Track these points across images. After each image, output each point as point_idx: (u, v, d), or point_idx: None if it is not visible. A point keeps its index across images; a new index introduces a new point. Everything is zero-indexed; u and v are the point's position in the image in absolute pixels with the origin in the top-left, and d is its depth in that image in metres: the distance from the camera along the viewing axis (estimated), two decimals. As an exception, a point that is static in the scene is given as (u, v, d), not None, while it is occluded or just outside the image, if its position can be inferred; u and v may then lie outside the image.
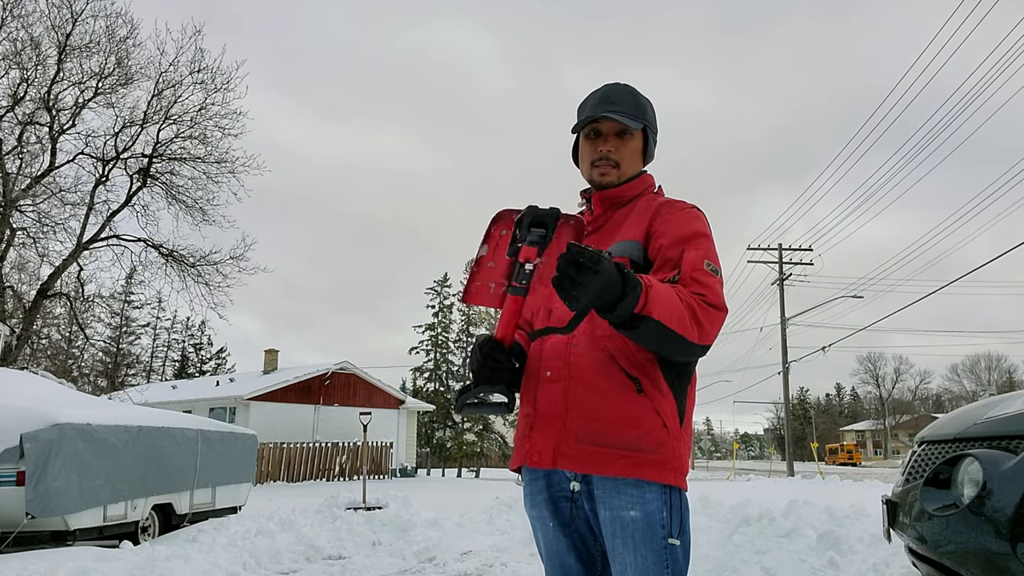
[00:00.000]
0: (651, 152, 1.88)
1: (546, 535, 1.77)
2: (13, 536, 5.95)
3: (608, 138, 1.80)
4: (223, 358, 57.98)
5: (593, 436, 1.63)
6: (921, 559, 2.71)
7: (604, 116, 1.76)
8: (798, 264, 30.85)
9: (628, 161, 1.81)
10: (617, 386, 1.63)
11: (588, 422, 1.64)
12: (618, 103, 1.79)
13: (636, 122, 1.78)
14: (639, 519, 1.61)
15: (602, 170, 1.80)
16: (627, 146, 1.80)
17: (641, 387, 1.63)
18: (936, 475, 2.48)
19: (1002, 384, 68.39)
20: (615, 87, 1.84)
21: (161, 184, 18.98)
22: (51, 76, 17.55)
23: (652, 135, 1.86)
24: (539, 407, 1.71)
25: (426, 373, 40.19)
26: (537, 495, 1.77)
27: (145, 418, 7.72)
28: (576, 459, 1.65)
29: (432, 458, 38.50)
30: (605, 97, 1.81)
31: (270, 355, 30.97)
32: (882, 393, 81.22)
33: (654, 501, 1.62)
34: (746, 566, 5.17)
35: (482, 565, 6.15)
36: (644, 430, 1.62)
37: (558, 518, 1.74)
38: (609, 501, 1.63)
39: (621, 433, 1.62)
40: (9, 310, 18.00)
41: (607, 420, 1.63)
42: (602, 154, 1.80)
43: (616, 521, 1.62)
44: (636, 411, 1.62)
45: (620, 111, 1.78)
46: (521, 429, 1.79)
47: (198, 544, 6.57)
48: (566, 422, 1.66)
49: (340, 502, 9.31)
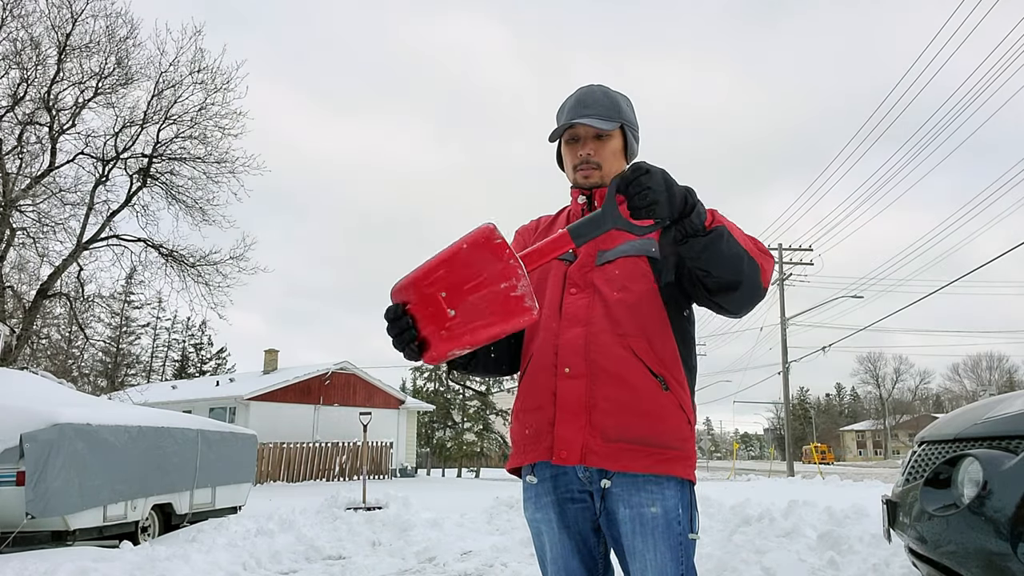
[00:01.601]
0: (633, 148, 1.89)
1: (551, 538, 1.75)
2: (13, 536, 5.95)
3: (586, 142, 1.82)
4: (223, 358, 57.99)
5: (620, 433, 1.63)
6: (921, 559, 2.71)
7: (578, 122, 1.78)
8: (798, 264, 30.86)
9: (609, 161, 1.82)
10: (643, 383, 1.65)
11: (615, 418, 1.64)
12: (591, 106, 1.81)
13: (611, 123, 1.80)
14: (659, 515, 1.62)
15: (585, 173, 1.82)
16: (606, 147, 1.82)
17: (666, 384, 1.66)
18: (936, 475, 2.48)
19: (1003, 384, 68.39)
20: (588, 90, 1.86)
21: (161, 184, 18.98)
22: (51, 76, 17.54)
23: (631, 132, 1.87)
24: (560, 403, 1.68)
25: (426, 373, 40.10)
26: (543, 497, 1.75)
27: (145, 418, 7.72)
28: (603, 456, 1.63)
29: (432, 458, 38.47)
30: (579, 102, 1.83)
31: (270, 355, 30.97)
32: (882, 393, 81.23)
33: (671, 498, 1.64)
34: (746, 566, 5.17)
35: (482, 565, 6.14)
36: (672, 426, 1.65)
37: (563, 521, 1.73)
38: (628, 498, 1.64)
39: (649, 429, 1.63)
40: (9, 310, 17.99)
41: (635, 415, 1.63)
42: (582, 157, 1.81)
43: (636, 518, 1.62)
44: (664, 408, 1.65)
45: (593, 114, 1.79)
46: (536, 425, 1.73)
47: (198, 544, 6.57)
48: (591, 419, 1.65)
49: (340, 502, 9.31)
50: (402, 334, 1.50)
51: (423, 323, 1.51)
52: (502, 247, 1.45)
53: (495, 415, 38.49)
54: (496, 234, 1.46)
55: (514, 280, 1.44)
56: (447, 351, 1.51)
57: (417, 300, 1.51)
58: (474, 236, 1.46)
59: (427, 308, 1.50)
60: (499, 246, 1.45)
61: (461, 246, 1.47)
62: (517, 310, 1.45)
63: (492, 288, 1.45)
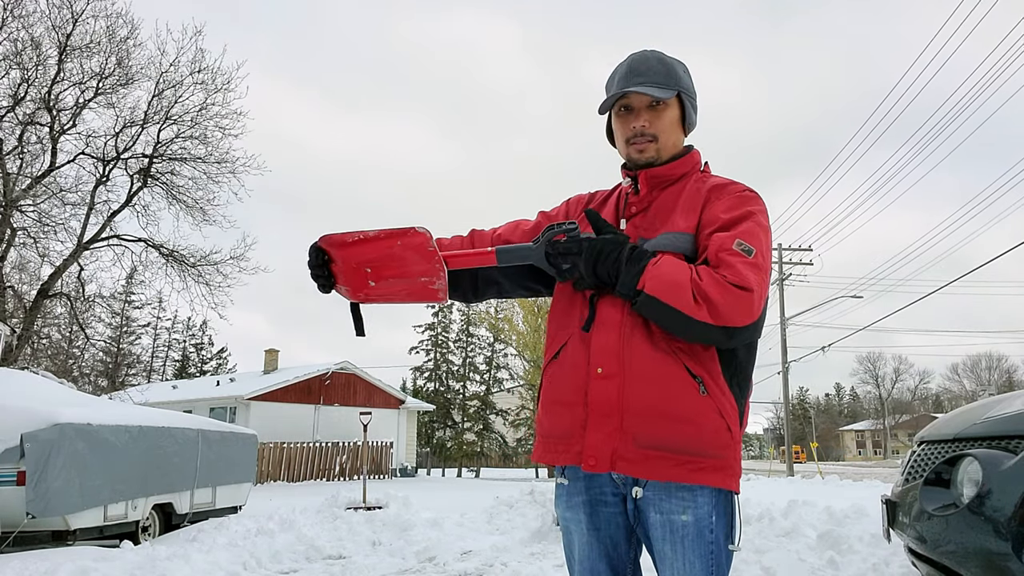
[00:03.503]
0: (691, 119, 1.75)
1: (580, 539, 1.69)
2: (13, 536, 5.95)
3: (640, 112, 1.68)
4: (224, 358, 57.96)
5: (652, 439, 1.54)
6: (921, 559, 2.72)
7: (631, 91, 1.66)
8: (798, 264, 30.86)
9: (667, 133, 1.69)
10: (680, 383, 1.54)
11: (647, 421, 1.54)
12: (645, 73, 1.67)
13: (667, 90, 1.66)
14: (690, 524, 1.55)
15: (639, 147, 1.69)
16: (663, 117, 1.68)
17: (705, 387, 1.54)
18: (936, 475, 2.49)
19: (1002, 384, 68.37)
20: (641, 56, 1.72)
21: (161, 184, 18.98)
22: (51, 76, 17.56)
23: (689, 100, 1.73)
24: (591, 404, 1.59)
25: (426, 373, 40.17)
26: (574, 497, 1.69)
27: (145, 418, 7.73)
28: (634, 463, 1.55)
29: (432, 458, 38.46)
30: (631, 69, 1.69)
31: (270, 355, 30.97)
32: (882, 393, 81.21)
33: (705, 505, 1.55)
34: (746, 566, 5.17)
35: (482, 565, 6.15)
36: (708, 432, 1.54)
37: (593, 523, 1.67)
38: (660, 504, 1.57)
39: (682, 435, 1.53)
40: (9, 310, 18.00)
41: (668, 419, 1.54)
42: (636, 130, 1.68)
43: (667, 525, 1.56)
44: (701, 412, 1.54)
45: (648, 81, 1.66)
46: (565, 426, 1.64)
47: (198, 544, 6.57)
48: (622, 422, 1.56)
49: (340, 502, 9.30)
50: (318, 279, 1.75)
51: (343, 279, 1.75)
52: (432, 254, 1.66)
53: (495, 415, 38.50)
54: (430, 243, 1.65)
55: (434, 277, 1.69)
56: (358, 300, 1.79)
57: (344, 266, 1.73)
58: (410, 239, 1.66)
59: (350, 274, 1.74)
60: (430, 253, 1.66)
61: (395, 243, 1.67)
62: (428, 294, 1.73)
63: (413, 278, 1.71)
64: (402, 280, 1.72)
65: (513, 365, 38.19)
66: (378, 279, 1.73)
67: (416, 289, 1.72)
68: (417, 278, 1.70)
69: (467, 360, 40.03)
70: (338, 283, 1.76)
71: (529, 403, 35.76)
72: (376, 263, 1.70)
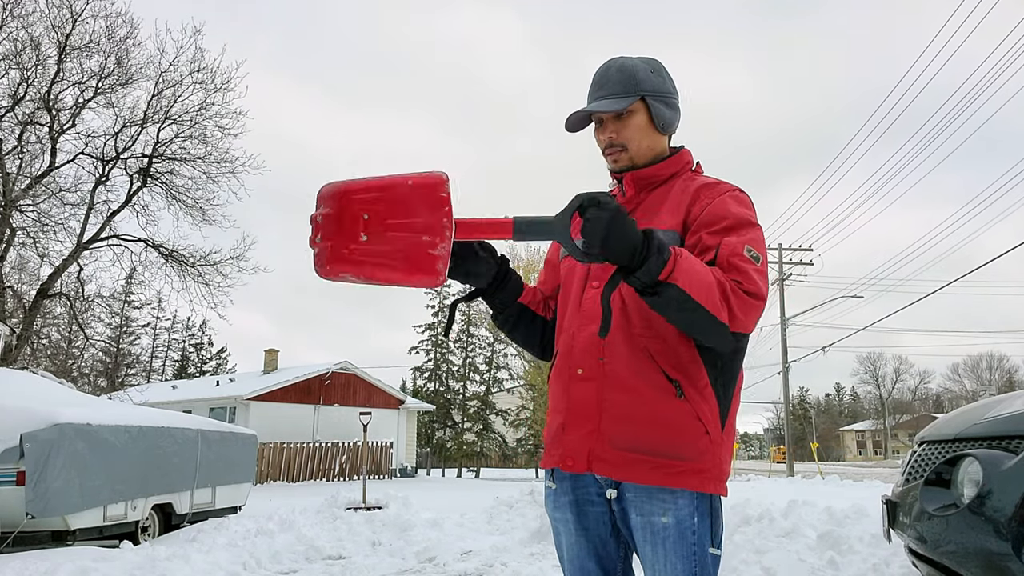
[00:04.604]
0: (663, 118, 1.72)
1: (568, 539, 1.72)
2: (13, 536, 5.95)
3: (607, 124, 1.71)
4: (224, 358, 57.96)
5: (628, 441, 1.56)
6: (921, 559, 2.71)
7: (585, 111, 1.70)
8: (798, 264, 30.85)
9: (636, 140, 1.71)
10: (655, 388, 1.55)
11: (623, 425, 1.57)
12: (605, 86, 1.70)
13: (623, 100, 1.67)
14: (670, 525, 1.55)
15: (613, 156, 1.73)
16: (628, 125, 1.70)
17: (682, 391, 1.55)
18: (936, 475, 2.49)
19: (1003, 384, 68.38)
20: (603, 68, 1.74)
21: (161, 184, 18.97)
22: (51, 76, 17.53)
23: (659, 99, 1.71)
24: (571, 406, 1.64)
25: (426, 373, 40.15)
26: (561, 497, 1.72)
27: (145, 418, 7.73)
28: (611, 465, 1.58)
29: (432, 458, 38.47)
30: (594, 83, 1.73)
31: (270, 355, 30.98)
32: (882, 393, 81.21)
33: (686, 507, 1.56)
34: (746, 566, 5.17)
35: (482, 565, 6.15)
36: (685, 437, 1.55)
37: (581, 522, 1.69)
38: (641, 506, 1.58)
39: (659, 439, 1.55)
40: (9, 310, 17.99)
41: (643, 424, 1.55)
42: (605, 142, 1.72)
43: (647, 527, 1.57)
44: (676, 416, 1.55)
45: (606, 94, 1.69)
46: (553, 429, 1.70)
47: (198, 544, 6.57)
48: (600, 424, 1.59)
49: (340, 502, 9.31)
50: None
51: (330, 233, 1.48)
52: (444, 201, 1.44)
53: (495, 415, 38.49)
54: (445, 187, 1.44)
55: (437, 239, 1.43)
56: (338, 271, 1.48)
57: (337, 210, 1.47)
58: (423, 178, 1.44)
59: (342, 222, 1.47)
60: (443, 199, 1.44)
61: (406, 181, 1.45)
62: (425, 267, 1.44)
63: (414, 235, 1.44)
64: (400, 235, 1.45)
65: (513, 365, 38.18)
66: (372, 231, 1.45)
67: (412, 252, 1.44)
68: (420, 235, 1.44)
69: (467, 360, 39.99)
70: (324, 240, 1.48)
71: (529, 403, 35.74)
72: (378, 205, 1.45)
